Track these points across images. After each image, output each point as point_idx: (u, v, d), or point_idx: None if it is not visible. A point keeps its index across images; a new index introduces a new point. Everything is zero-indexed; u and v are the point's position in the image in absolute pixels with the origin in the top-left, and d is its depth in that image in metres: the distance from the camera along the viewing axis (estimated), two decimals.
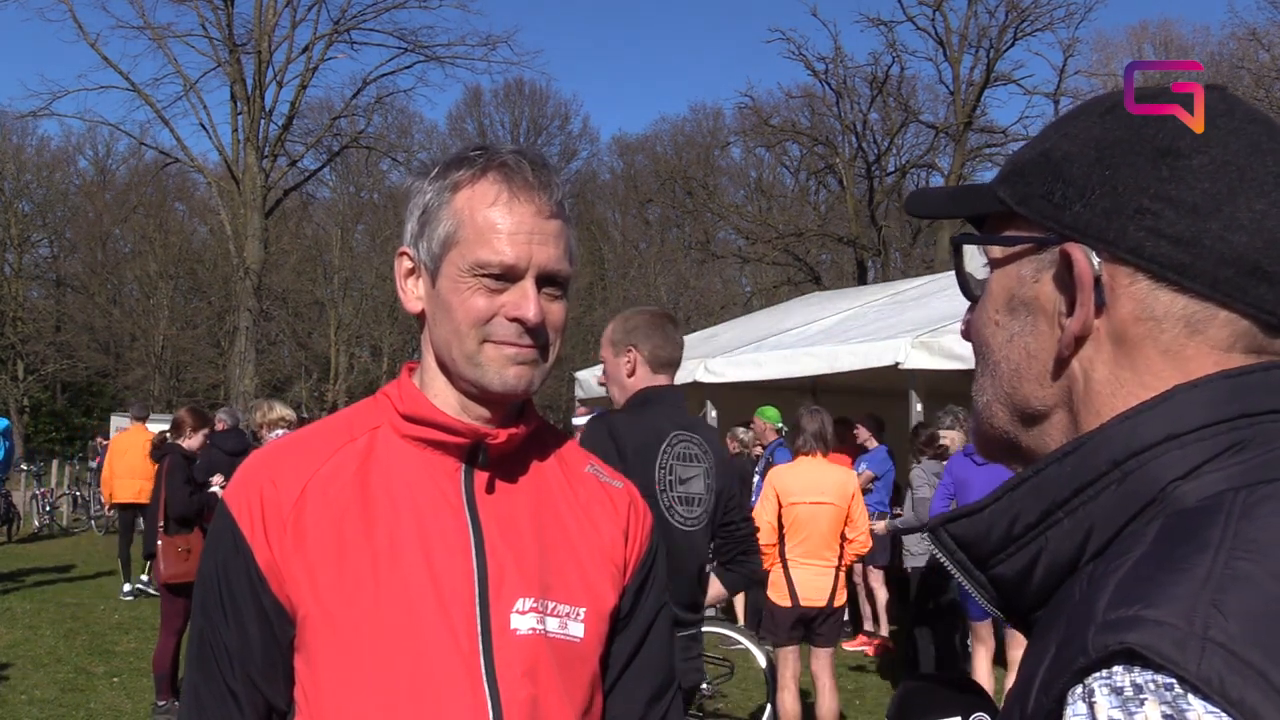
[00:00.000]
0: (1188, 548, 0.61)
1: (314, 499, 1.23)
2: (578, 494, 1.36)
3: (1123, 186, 0.70)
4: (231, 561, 1.24)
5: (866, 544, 5.99)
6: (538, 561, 1.26)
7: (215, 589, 1.26)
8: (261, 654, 1.24)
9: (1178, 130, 0.70)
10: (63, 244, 40.71)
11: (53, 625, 9.51)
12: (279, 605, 1.23)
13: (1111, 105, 0.74)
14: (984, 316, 0.80)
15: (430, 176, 1.27)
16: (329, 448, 1.28)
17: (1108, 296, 0.71)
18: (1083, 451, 0.69)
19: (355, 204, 40.54)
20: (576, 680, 1.27)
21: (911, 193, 0.89)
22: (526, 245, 1.22)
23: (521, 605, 1.23)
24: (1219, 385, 0.68)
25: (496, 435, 1.27)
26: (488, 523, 1.26)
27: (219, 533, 1.27)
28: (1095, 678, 0.57)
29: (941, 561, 0.76)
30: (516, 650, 1.22)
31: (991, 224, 0.80)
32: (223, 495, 1.29)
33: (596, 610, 1.29)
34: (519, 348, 1.23)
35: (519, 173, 1.23)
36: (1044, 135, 0.78)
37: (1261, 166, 0.69)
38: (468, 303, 1.22)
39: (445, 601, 1.21)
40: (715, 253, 37.64)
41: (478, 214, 1.22)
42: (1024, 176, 0.76)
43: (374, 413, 1.33)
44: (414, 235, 1.28)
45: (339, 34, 27.86)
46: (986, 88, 30.97)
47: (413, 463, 1.27)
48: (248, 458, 1.33)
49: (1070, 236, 0.72)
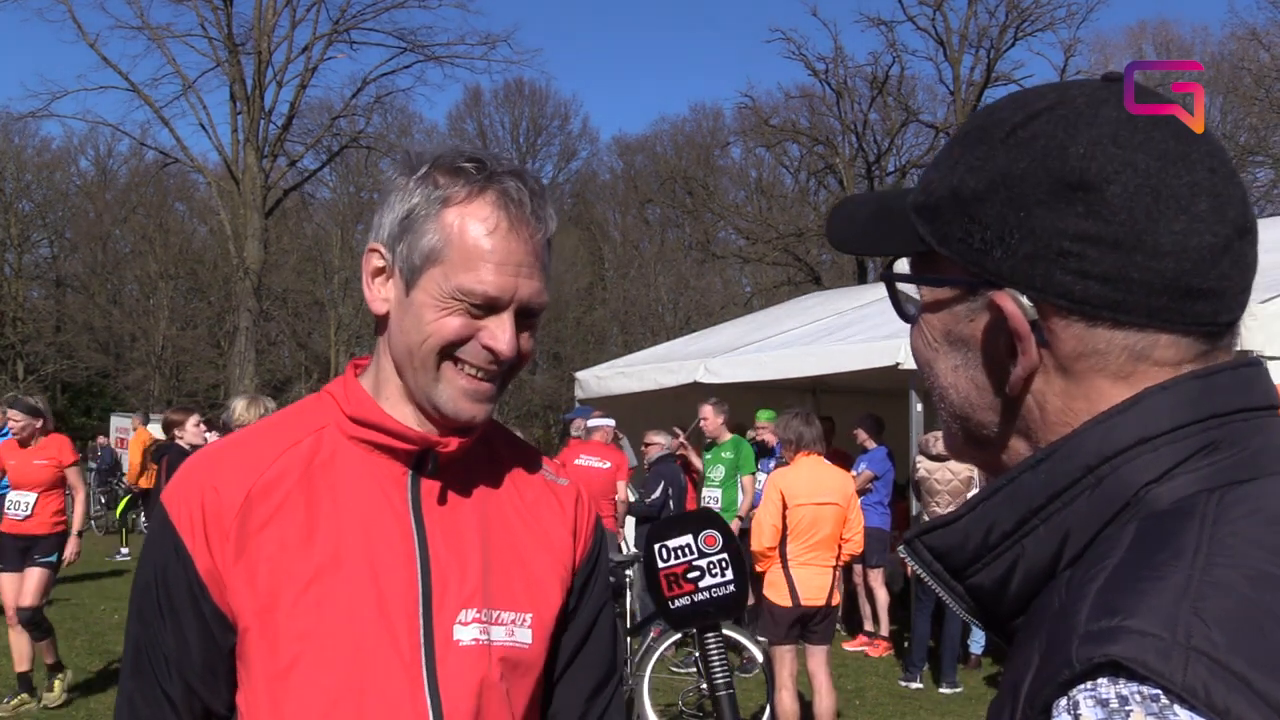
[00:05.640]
0: (1164, 554, 0.61)
1: (257, 506, 1.20)
2: (524, 496, 1.34)
3: (1040, 229, 0.68)
4: (171, 568, 1.21)
5: (860, 545, 6.02)
6: (483, 570, 1.25)
7: (153, 595, 1.23)
8: (201, 660, 1.22)
9: (1078, 155, 0.68)
10: (63, 244, 40.69)
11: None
12: (219, 613, 1.20)
13: (1010, 129, 0.72)
14: (924, 340, 0.79)
15: (418, 176, 1.21)
16: (273, 451, 1.24)
17: (1047, 336, 0.70)
18: (1056, 458, 0.69)
19: (355, 204, 40.50)
20: (522, 688, 1.26)
21: (833, 211, 0.86)
22: (514, 279, 1.18)
23: (464, 616, 1.22)
24: (1189, 386, 0.68)
25: (447, 443, 1.24)
26: (433, 532, 1.24)
27: (158, 537, 1.23)
28: (1080, 690, 0.57)
29: (919, 573, 0.75)
30: (459, 661, 1.20)
31: (916, 256, 0.79)
32: (162, 498, 1.24)
33: (543, 615, 1.28)
34: (480, 382, 1.21)
35: (518, 203, 1.19)
36: (950, 161, 0.75)
37: (1175, 179, 0.67)
38: (443, 321, 1.19)
39: (388, 612, 1.19)
40: (715, 253, 37.66)
41: (468, 237, 1.18)
42: (940, 214, 0.74)
43: (319, 412, 1.29)
44: (391, 236, 1.22)
45: (338, 34, 27.89)
46: (987, 88, 30.99)
47: (359, 466, 1.25)
48: (188, 460, 1.28)
49: (996, 283, 0.71)
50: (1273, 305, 6.21)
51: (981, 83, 31.01)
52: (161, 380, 37.93)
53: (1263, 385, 0.70)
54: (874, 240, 0.82)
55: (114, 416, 26.25)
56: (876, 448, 9.12)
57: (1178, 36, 34.40)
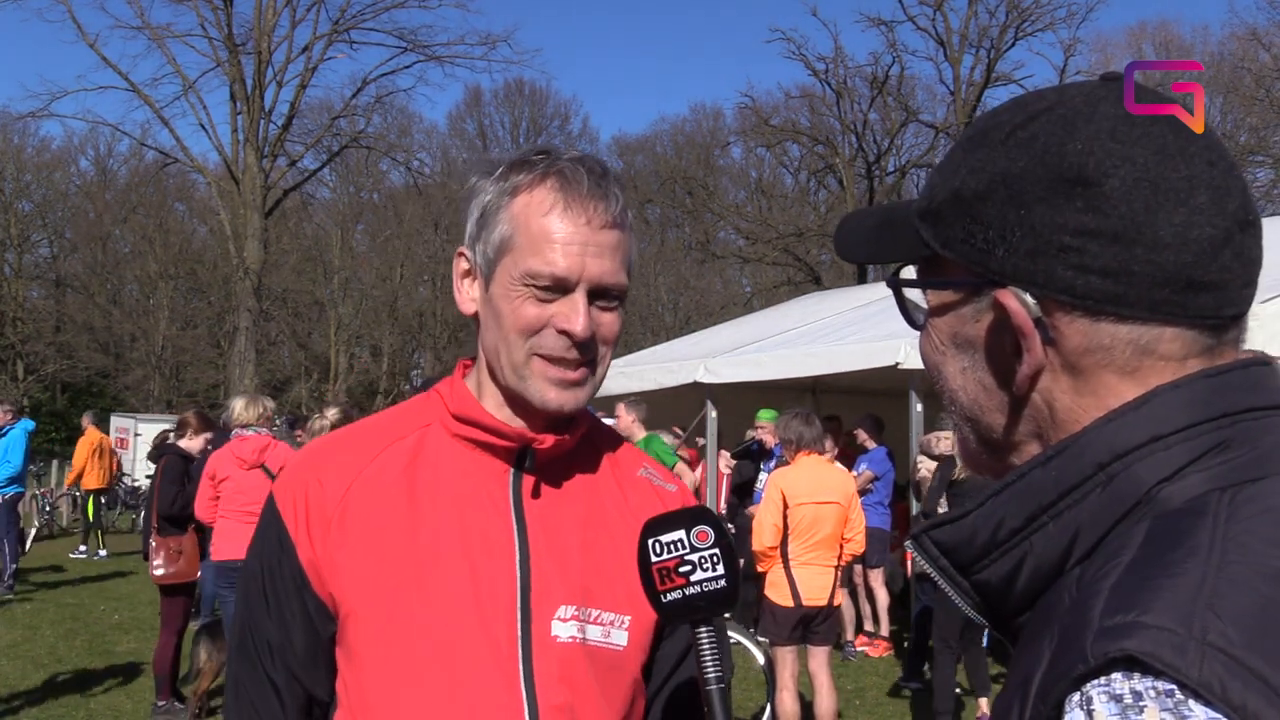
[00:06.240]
0: (1179, 552, 0.61)
1: (359, 498, 1.23)
2: (629, 498, 1.33)
3: (1041, 225, 0.69)
4: (275, 557, 1.25)
5: (862, 544, 6.02)
6: (582, 568, 1.25)
7: (259, 582, 1.27)
8: (303, 648, 1.25)
9: (1077, 151, 0.69)
10: (63, 244, 40.70)
11: (53, 625, 9.52)
12: (320, 602, 1.23)
13: (1009, 131, 0.72)
14: (932, 344, 0.79)
15: (494, 177, 1.26)
16: (377, 445, 1.28)
17: (1052, 333, 0.70)
18: (1067, 455, 0.69)
19: (355, 204, 40.52)
20: (616, 688, 1.26)
21: (840, 224, 0.87)
22: (579, 257, 1.20)
23: (563, 613, 1.22)
24: (1200, 385, 0.68)
25: (543, 440, 1.26)
26: (533, 528, 1.25)
27: (265, 527, 1.28)
28: (1093, 685, 0.57)
29: (925, 568, 0.75)
30: (555, 657, 1.21)
31: (922, 262, 0.79)
32: (271, 491, 1.31)
33: (641, 618, 1.26)
34: (565, 369, 1.22)
35: (576, 182, 1.22)
36: (952, 165, 0.76)
37: (1173, 173, 0.68)
38: (517, 311, 1.21)
39: (485, 606, 1.20)
40: (715, 253, 37.65)
41: (533, 221, 1.21)
42: (942, 218, 0.75)
43: (426, 410, 1.32)
44: (472, 236, 1.27)
45: (338, 34, 27.88)
46: (987, 88, 30.98)
47: (462, 463, 1.27)
48: (298, 453, 1.33)
49: (1000, 282, 0.71)
50: (1273, 305, 6.21)
51: (981, 83, 30.99)
52: (161, 380, 37.92)
53: (1273, 384, 0.70)
54: (880, 249, 0.82)
55: (114, 416, 26.23)
56: (877, 448, 9.12)
57: (1178, 36, 34.44)
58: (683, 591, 1.06)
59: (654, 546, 1.07)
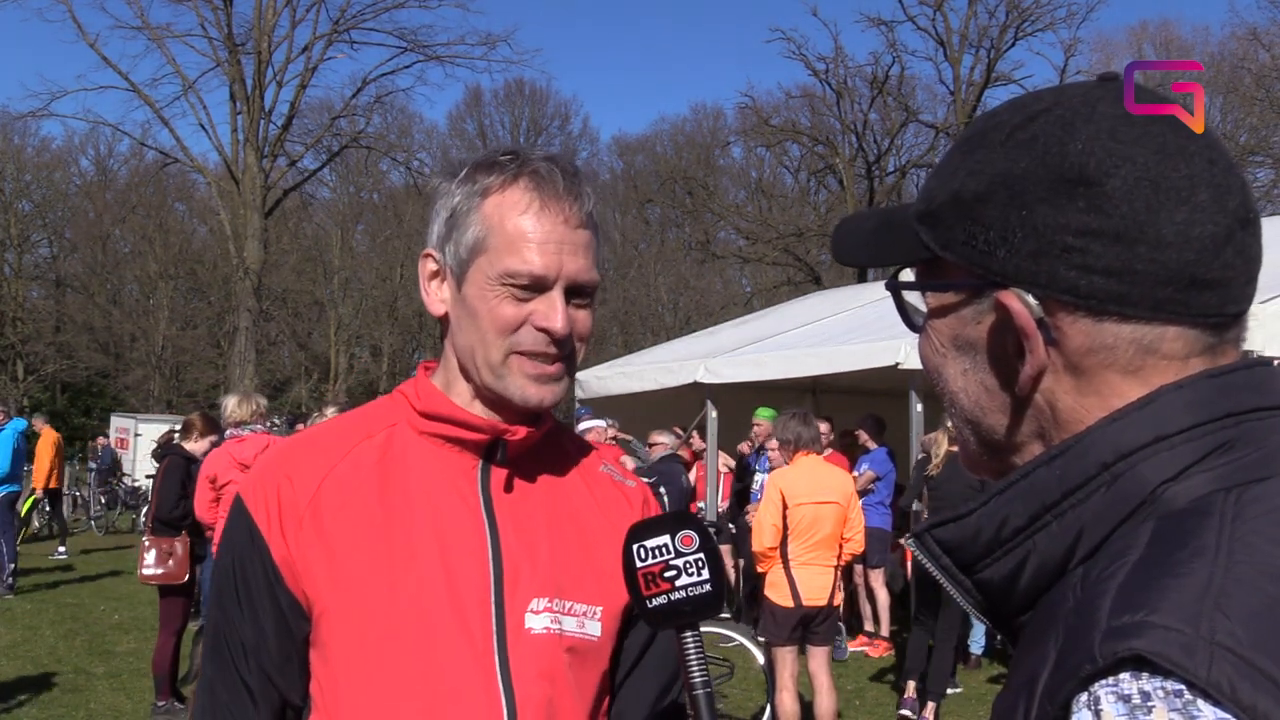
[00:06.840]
0: (1185, 552, 0.61)
1: (330, 495, 1.24)
2: (593, 492, 1.35)
3: (1043, 225, 0.69)
4: (247, 556, 1.25)
5: (862, 544, 6.02)
6: (553, 560, 1.26)
7: (231, 583, 1.26)
8: (276, 648, 1.24)
9: (1077, 151, 0.68)
10: (63, 244, 40.69)
11: (53, 625, 9.52)
12: (294, 601, 1.23)
13: (1009, 132, 0.72)
14: (932, 346, 0.79)
15: (459, 179, 1.26)
16: (346, 444, 1.28)
17: (1054, 334, 0.70)
18: (1071, 454, 0.69)
19: (355, 204, 40.53)
20: (591, 679, 1.27)
21: (837, 227, 0.87)
22: (556, 255, 1.21)
23: (536, 605, 1.23)
24: (1204, 385, 0.68)
25: (515, 431, 1.27)
26: (504, 521, 1.26)
27: (235, 527, 1.27)
28: (1101, 685, 0.57)
29: (927, 567, 0.75)
30: (531, 650, 1.22)
31: (921, 264, 0.79)
32: (239, 490, 1.30)
33: (612, 609, 1.29)
34: (543, 365, 1.23)
35: (550, 181, 1.23)
36: (951, 167, 0.76)
37: (1174, 171, 0.68)
38: (495, 311, 1.22)
39: (460, 601, 1.21)
40: (715, 253, 37.65)
41: (508, 221, 1.22)
42: (942, 220, 0.75)
43: (391, 410, 1.33)
44: (440, 238, 1.27)
45: (338, 34, 27.89)
46: (987, 88, 30.98)
47: (430, 459, 1.27)
48: (266, 453, 1.34)
49: (1002, 283, 0.71)
50: (1273, 305, 6.21)
51: (981, 83, 31.00)
52: (161, 380, 37.92)
53: (1277, 385, 0.70)
54: (879, 252, 0.82)
55: (114, 416, 26.25)
56: (878, 448, 9.13)
57: (1178, 36, 34.44)
58: (668, 596, 1.05)
59: (639, 552, 1.07)
